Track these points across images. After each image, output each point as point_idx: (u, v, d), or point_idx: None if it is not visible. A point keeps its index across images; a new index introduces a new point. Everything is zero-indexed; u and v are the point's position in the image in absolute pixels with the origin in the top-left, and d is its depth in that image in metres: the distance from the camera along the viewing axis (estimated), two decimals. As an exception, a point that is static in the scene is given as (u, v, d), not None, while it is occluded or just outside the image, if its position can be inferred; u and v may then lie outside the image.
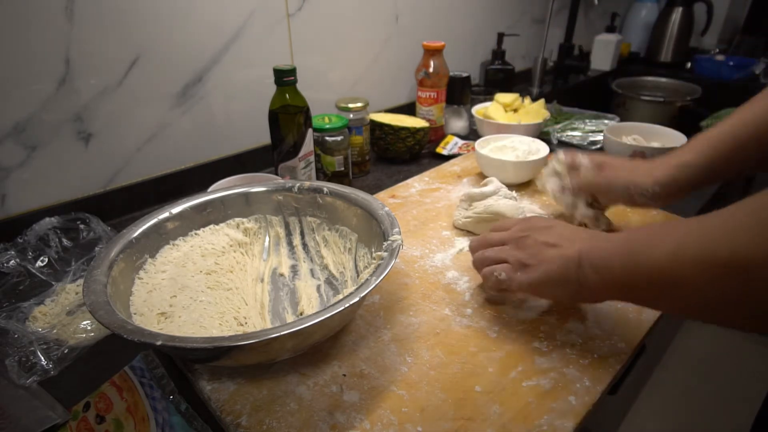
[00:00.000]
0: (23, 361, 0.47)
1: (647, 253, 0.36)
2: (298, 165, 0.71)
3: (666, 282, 0.34)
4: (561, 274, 0.43)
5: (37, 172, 0.67)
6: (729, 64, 1.58)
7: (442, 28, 1.19)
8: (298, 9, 0.87)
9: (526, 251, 0.46)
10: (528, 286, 0.46)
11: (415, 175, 0.85)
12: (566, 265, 0.43)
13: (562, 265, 0.43)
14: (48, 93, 0.65)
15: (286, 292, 0.56)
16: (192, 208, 0.56)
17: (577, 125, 1.09)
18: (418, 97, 1.03)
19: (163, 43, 0.72)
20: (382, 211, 0.52)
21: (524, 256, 0.46)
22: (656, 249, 0.35)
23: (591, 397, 0.41)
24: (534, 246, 0.46)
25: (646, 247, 0.36)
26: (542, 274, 0.44)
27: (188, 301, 0.49)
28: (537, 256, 0.45)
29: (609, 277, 0.39)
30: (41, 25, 0.61)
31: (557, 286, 0.44)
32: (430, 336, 0.48)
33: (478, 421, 0.39)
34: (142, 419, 0.42)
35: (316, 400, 0.41)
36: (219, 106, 0.83)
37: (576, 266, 0.42)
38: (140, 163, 0.77)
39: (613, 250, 0.39)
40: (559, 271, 0.43)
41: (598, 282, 0.40)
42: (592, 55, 1.68)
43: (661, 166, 0.55)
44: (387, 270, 0.42)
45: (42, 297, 0.55)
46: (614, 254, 0.39)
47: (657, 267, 0.35)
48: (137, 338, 0.35)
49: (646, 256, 0.36)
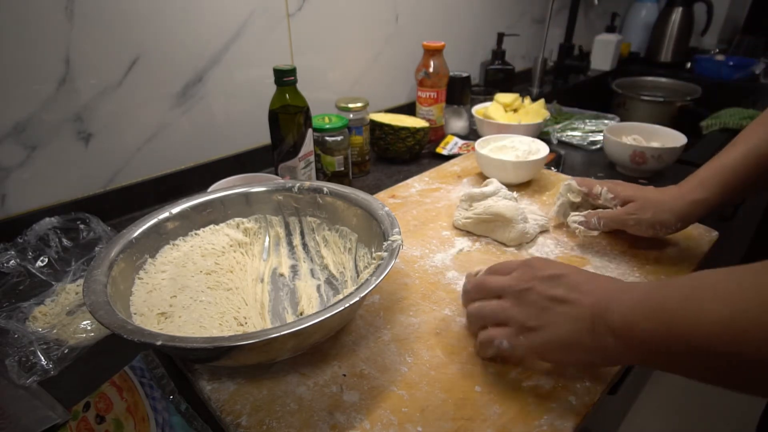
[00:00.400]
0: (23, 361, 0.47)
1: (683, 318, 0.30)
2: (298, 165, 0.71)
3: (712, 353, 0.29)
4: (572, 337, 0.37)
5: (37, 172, 0.67)
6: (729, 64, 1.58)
7: (442, 28, 1.19)
8: (298, 9, 0.87)
9: (529, 309, 0.40)
10: (533, 352, 0.40)
11: (415, 175, 0.85)
12: (578, 327, 0.37)
13: (572, 328, 0.37)
14: (48, 93, 0.65)
15: (286, 292, 0.56)
16: (192, 208, 0.56)
17: (577, 125, 1.09)
18: (418, 97, 1.03)
19: (163, 43, 0.73)
20: (382, 211, 0.52)
21: (527, 317, 0.40)
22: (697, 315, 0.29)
23: (591, 397, 0.41)
24: (538, 302, 0.40)
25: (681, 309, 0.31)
26: (549, 338, 0.39)
27: (188, 301, 0.49)
28: (542, 316, 0.39)
29: (633, 343, 0.34)
30: (41, 25, 0.61)
31: (569, 352, 0.38)
32: (430, 336, 0.48)
33: (478, 421, 0.39)
34: (142, 419, 0.42)
35: (316, 400, 0.41)
36: (219, 106, 0.83)
37: (590, 328, 0.36)
38: (140, 163, 0.77)
39: (638, 309, 0.33)
40: (569, 334, 0.38)
41: (620, 347, 0.35)
42: (592, 55, 1.68)
43: (681, 203, 0.55)
44: (387, 270, 0.42)
45: (42, 297, 0.55)
46: (639, 316, 0.33)
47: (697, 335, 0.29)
48: (137, 338, 0.35)
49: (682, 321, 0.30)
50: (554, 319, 0.39)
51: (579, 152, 1.01)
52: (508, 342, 0.41)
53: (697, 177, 0.55)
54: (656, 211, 0.56)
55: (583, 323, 0.37)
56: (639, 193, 0.59)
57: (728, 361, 0.28)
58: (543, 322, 0.39)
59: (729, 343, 0.28)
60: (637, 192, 0.59)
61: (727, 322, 0.28)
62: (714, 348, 0.28)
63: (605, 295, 0.37)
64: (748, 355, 0.27)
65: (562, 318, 0.38)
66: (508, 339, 0.41)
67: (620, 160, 0.87)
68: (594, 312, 0.36)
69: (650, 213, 0.57)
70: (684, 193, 0.55)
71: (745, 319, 0.27)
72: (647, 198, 0.58)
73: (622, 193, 0.60)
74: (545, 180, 0.82)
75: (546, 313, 0.39)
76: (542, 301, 0.40)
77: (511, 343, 0.41)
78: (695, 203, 0.54)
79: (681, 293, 0.31)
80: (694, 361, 0.31)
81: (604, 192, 0.61)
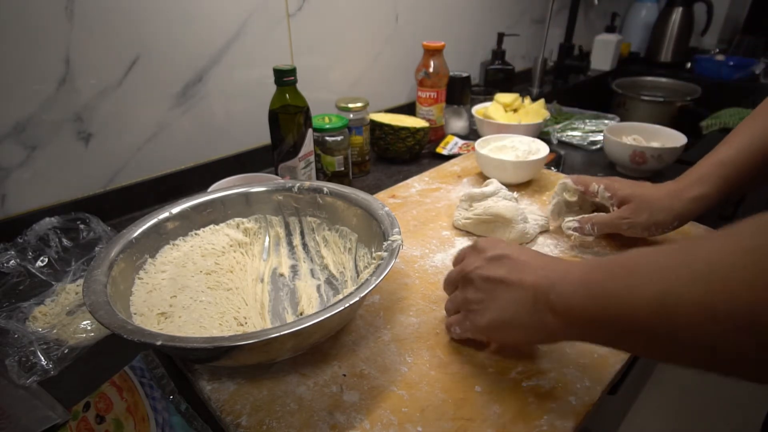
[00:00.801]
0: (23, 361, 0.47)
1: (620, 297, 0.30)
2: (298, 165, 0.71)
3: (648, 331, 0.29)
4: (513, 317, 0.38)
5: (37, 172, 0.67)
6: (729, 64, 1.58)
7: (442, 28, 1.19)
8: (298, 9, 0.87)
9: (474, 293, 0.42)
10: (479, 332, 0.42)
11: (415, 175, 0.85)
12: (519, 307, 0.38)
13: (513, 308, 0.38)
14: (48, 93, 0.65)
15: (286, 292, 0.56)
16: (192, 208, 0.56)
17: (577, 125, 1.09)
18: (418, 97, 1.03)
19: (163, 43, 0.73)
20: (382, 211, 0.52)
21: (471, 301, 0.42)
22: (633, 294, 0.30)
23: (591, 397, 0.41)
24: (481, 285, 0.41)
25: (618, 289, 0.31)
26: (491, 318, 0.40)
27: (188, 301, 0.49)
28: (484, 298, 0.41)
29: (574, 323, 0.34)
30: (41, 25, 0.61)
31: (511, 330, 0.39)
32: (430, 336, 0.48)
33: (478, 421, 0.39)
34: (142, 419, 0.42)
35: (316, 400, 0.41)
36: (219, 106, 0.83)
37: (531, 308, 0.37)
38: (140, 163, 0.77)
39: (577, 290, 0.34)
40: (510, 314, 0.39)
41: (561, 326, 0.35)
42: (592, 55, 1.68)
43: (679, 201, 0.54)
44: (387, 270, 0.42)
45: (42, 297, 0.55)
46: (578, 296, 0.34)
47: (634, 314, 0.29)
48: (137, 338, 0.35)
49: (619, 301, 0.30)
50: (495, 300, 0.40)
51: (579, 152, 1.01)
52: (458, 327, 0.44)
53: (696, 172, 0.54)
54: (652, 212, 0.55)
55: (524, 303, 0.38)
56: (637, 191, 0.57)
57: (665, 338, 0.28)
58: (485, 303, 0.40)
59: (663, 323, 0.28)
60: (635, 190, 0.57)
61: (660, 300, 0.28)
62: (650, 327, 0.29)
63: (546, 274, 0.37)
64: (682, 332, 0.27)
65: (503, 298, 0.39)
66: (458, 324, 0.44)
67: (620, 160, 0.87)
68: (535, 291, 0.37)
69: (645, 215, 0.56)
70: (682, 190, 0.54)
71: (676, 296, 0.27)
72: (644, 198, 0.57)
73: (619, 191, 0.58)
74: (545, 180, 0.82)
75: (488, 294, 0.40)
76: (484, 284, 0.41)
77: (462, 328, 0.44)
78: (694, 200, 0.53)
79: (618, 273, 0.32)
80: (632, 339, 0.31)
81: (601, 190, 0.60)
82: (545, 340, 0.42)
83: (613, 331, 0.32)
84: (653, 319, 0.28)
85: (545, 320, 0.36)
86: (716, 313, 0.25)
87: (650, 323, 0.29)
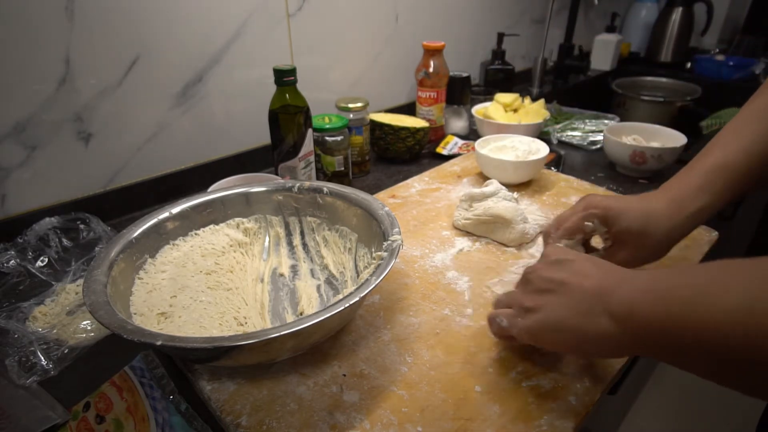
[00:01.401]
0: (23, 361, 0.47)
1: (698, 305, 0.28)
2: (298, 165, 0.71)
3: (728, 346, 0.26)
4: (565, 320, 0.36)
5: (37, 172, 0.67)
6: (729, 64, 1.58)
7: (442, 28, 1.19)
8: (298, 9, 0.87)
9: (531, 292, 0.40)
10: (527, 332, 0.40)
11: (415, 175, 0.85)
12: (573, 310, 0.36)
13: (567, 311, 0.36)
14: (48, 93, 0.65)
15: (286, 292, 0.56)
16: (192, 208, 0.56)
17: (577, 125, 1.09)
18: (418, 97, 1.03)
19: (163, 43, 0.72)
20: (382, 211, 0.52)
21: (528, 299, 0.40)
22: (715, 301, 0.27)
23: (591, 397, 0.41)
24: (540, 285, 0.40)
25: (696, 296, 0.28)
26: (543, 319, 0.38)
27: (188, 301, 0.49)
28: (540, 298, 0.39)
29: (631, 330, 0.32)
30: (41, 25, 0.61)
31: (560, 334, 0.37)
32: (430, 336, 0.48)
33: (478, 421, 0.39)
34: (142, 419, 0.42)
35: (316, 400, 0.41)
36: (219, 106, 0.83)
37: (586, 311, 0.35)
38: (140, 163, 0.77)
39: (642, 295, 0.31)
40: (563, 316, 0.36)
41: (617, 334, 0.33)
42: (592, 55, 1.68)
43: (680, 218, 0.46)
44: (387, 270, 0.42)
45: (42, 297, 0.55)
46: (642, 301, 0.31)
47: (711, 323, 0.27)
48: (137, 338, 0.35)
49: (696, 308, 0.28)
50: (551, 301, 0.38)
51: (579, 152, 1.01)
52: (507, 321, 0.42)
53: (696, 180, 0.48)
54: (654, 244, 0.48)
55: (580, 306, 0.35)
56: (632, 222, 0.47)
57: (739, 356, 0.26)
58: (540, 303, 0.39)
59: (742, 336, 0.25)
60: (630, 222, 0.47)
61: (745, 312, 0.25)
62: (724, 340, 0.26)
63: (608, 280, 0.35)
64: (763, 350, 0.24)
65: (559, 300, 0.37)
66: (507, 318, 0.42)
67: (620, 160, 0.87)
68: (593, 295, 0.35)
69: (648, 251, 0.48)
70: (684, 204, 0.47)
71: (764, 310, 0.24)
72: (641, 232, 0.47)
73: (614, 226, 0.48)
74: (545, 180, 0.82)
75: (544, 295, 0.39)
76: (543, 284, 0.39)
77: (509, 323, 0.41)
78: (698, 213, 0.47)
79: (693, 281, 0.29)
80: (699, 354, 0.28)
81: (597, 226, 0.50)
82: (595, 350, 0.37)
83: (675, 344, 0.29)
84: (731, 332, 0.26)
85: (601, 326, 0.34)
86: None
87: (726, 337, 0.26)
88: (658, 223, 0.47)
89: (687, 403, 1.46)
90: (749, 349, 0.25)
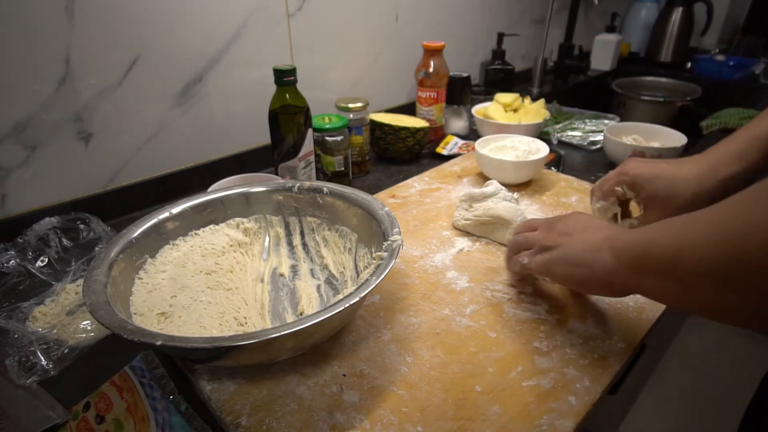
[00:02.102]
0: (23, 361, 0.47)
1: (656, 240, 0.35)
2: (298, 165, 0.71)
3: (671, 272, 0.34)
4: (578, 256, 0.43)
5: (37, 172, 0.67)
6: (729, 64, 1.58)
7: (442, 28, 1.19)
8: (298, 9, 0.87)
9: (552, 234, 0.47)
10: (543, 266, 0.46)
11: (415, 175, 0.85)
12: (586, 248, 0.43)
13: (581, 248, 0.43)
14: (48, 93, 0.65)
15: (286, 292, 0.56)
16: (192, 208, 0.56)
17: (577, 125, 1.09)
18: (418, 97, 1.03)
19: (163, 43, 0.72)
20: (382, 211, 0.52)
21: (549, 239, 0.47)
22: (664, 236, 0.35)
23: (591, 397, 0.41)
24: (562, 230, 0.47)
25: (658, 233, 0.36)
26: (559, 255, 0.45)
27: (188, 301, 0.49)
28: (560, 239, 0.46)
29: (625, 262, 0.39)
30: (41, 25, 0.61)
31: (570, 266, 0.44)
32: (430, 336, 0.48)
33: (478, 421, 0.39)
34: (142, 419, 0.42)
35: (316, 400, 0.41)
36: (219, 106, 0.83)
37: (596, 249, 0.42)
38: (140, 163, 0.77)
39: (636, 237, 0.39)
40: (576, 252, 0.43)
41: (614, 266, 0.40)
42: (592, 55, 1.68)
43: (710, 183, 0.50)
44: (387, 270, 0.42)
45: (42, 297, 0.55)
46: (636, 240, 0.38)
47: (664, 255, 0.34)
48: (137, 338, 0.35)
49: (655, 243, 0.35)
50: (569, 241, 0.45)
51: (579, 152, 1.01)
52: (528, 258, 0.48)
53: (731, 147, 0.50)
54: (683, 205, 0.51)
55: (591, 246, 0.42)
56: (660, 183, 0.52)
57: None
58: (560, 242, 0.46)
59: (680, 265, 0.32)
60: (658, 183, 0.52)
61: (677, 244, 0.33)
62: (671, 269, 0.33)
63: (616, 231, 0.42)
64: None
65: (576, 241, 0.44)
66: (528, 256, 0.49)
67: (620, 160, 0.87)
68: (603, 238, 0.42)
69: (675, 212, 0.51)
70: (716, 169, 0.50)
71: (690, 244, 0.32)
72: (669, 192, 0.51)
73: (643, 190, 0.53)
74: (545, 180, 0.82)
75: (564, 237, 0.46)
76: (565, 229, 0.46)
77: (530, 259, 0.48)
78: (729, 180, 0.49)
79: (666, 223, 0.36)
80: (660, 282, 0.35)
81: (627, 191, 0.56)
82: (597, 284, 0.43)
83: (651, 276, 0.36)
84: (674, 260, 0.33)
85: (604, 260, 0.40)
86: (719, 255, 0.29)
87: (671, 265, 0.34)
88: (687, 187, 0.51)
89: (687, 403, 1.46)
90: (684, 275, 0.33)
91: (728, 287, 0.30)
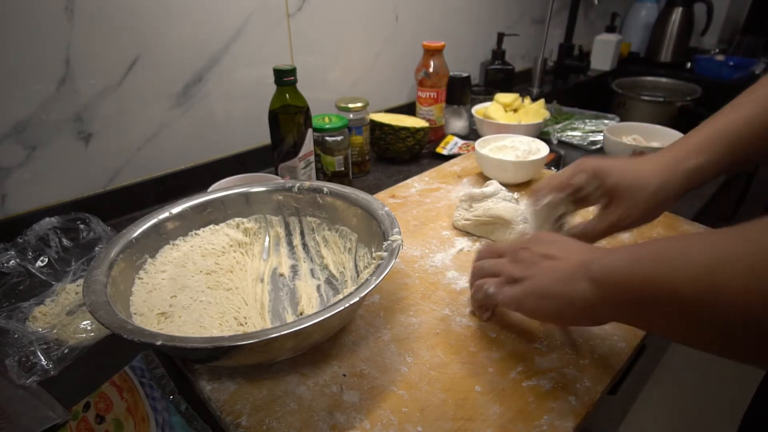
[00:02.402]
0: (23, 361, 0.47)
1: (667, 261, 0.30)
2: (298, 165, 0.71)
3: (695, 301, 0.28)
4: (549, 287, 0.39)
5: (37, 172, 0.67)
6: (729, 64, 1.58)
7: (442, 28, 1.19)
8: (298, 9, 0.87)
9: (521, 264, 0.43)
10: (512, 300, 0.42)
11: (415, 175, 0.85)
12: (558, 277, 0.39)
13: (552, 279, 0.39)
14: (48, 93, 0.65)
15: (286, 292, 0.56)
16: (192, 208, 0.56)
17: (577, 125, 1.09)
18: (418, 97, 1.03)
19: (163, 43, 0.72)
20: (382, 211, 0.52)
21: (516, 269, 0.43)
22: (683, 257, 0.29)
23: (591, 397, 0.41)
24: (529, 258, 0.42)
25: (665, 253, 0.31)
26: (529, 288, 0.41)
27: (188, 301, 0.49)
28: (529, 269, 0.41)
29: (612, 291, 0.34)
30: (41, 25, 0.61)
31: (543, 300, 0.40)
32: (430, 336, 0.48)
33: (478, 421, 0.39)
34: (142, 419, 0.42)
35: (316, 400, 0.41)
36: (219, 106, 0.83)
37: (568, 278, 0.38)
38: (140, 163, 0.77)
39: (620, 259, 0.34)
40: (546, 285, 0.39)
41: (597, 298, 0.35)
42: (592, 55, 1.68)
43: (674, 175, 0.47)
44: (387, 270, 0.42)
45: (42, 297, 0.55)
46: (619, 263, 0.34)
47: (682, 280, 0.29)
48: (137, 338, 0.35)
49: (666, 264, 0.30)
50: (539, 272, 0.41)
51: (579, 152, 1.01)
52: (494, 288, 0.44)
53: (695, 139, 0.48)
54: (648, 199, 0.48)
55: (563, 274, 0.38)
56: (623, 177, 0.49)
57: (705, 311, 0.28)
58: (529, 274, 0.41)
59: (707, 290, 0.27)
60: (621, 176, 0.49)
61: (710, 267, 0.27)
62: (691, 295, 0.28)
63: (592, 254, 0.38)
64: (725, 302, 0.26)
65: (546, 271, 0.40)
66: (495, 286, 0.44)
67: (620, 160, 0.87)
68: (577, 265, 0.38)
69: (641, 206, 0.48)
70: (679, 160, 0.48)
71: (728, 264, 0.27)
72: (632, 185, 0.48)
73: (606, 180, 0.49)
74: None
75: (533, 267, 0.41)
76: (533, 257, 0.42)
77: (496, 290, 0.44)
78: (693, 171, 0.47)
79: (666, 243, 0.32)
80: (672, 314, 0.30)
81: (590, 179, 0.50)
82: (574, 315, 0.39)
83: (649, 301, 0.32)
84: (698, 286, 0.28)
85: (581, 291, 0.36)
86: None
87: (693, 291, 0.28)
88: (650, 179, 0.48)
89: (687, 403, 1.46)
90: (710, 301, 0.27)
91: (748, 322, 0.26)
